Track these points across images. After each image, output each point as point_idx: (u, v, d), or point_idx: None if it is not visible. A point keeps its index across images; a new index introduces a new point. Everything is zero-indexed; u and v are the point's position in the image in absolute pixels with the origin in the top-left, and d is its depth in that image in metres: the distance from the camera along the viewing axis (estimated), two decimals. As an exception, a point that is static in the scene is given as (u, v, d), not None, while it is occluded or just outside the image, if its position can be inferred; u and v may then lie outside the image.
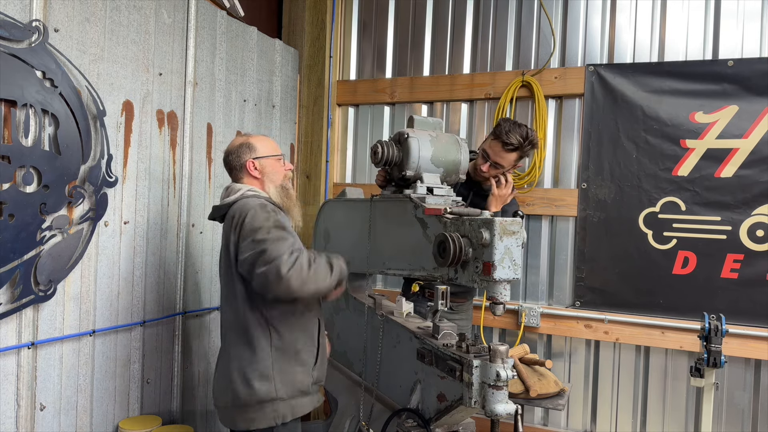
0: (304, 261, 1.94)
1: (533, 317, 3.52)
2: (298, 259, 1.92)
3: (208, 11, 3.16)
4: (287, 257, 1.91)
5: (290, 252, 1.93)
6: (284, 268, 1.88)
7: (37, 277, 2.23)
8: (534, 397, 2.75)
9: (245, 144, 2.27)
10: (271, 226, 1.99)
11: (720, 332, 2.52)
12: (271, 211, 2.05)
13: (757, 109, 3.11)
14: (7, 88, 2.10)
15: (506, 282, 1.76)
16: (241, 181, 2.26)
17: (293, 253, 1.94)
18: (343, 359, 2.63)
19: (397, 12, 3.99)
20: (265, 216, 2.01)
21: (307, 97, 4.10)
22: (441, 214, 1.96)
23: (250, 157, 2.25)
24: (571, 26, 3.53)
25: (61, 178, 2.30)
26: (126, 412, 2.73)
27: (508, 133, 2.69)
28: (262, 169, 2.26)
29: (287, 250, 1.94)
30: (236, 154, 2.26)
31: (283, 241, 1.96)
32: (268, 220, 2.00)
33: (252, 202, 2.07)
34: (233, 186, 2.24)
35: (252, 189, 2.21)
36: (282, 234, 1.99)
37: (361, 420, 2.36)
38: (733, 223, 3.15)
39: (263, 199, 2.16)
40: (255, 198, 2.15)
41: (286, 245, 1.95)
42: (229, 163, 2.29)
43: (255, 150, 2.26)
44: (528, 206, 3.56)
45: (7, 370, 2.20)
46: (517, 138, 2.69)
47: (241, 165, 2.25)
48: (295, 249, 1.97)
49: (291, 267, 1.90)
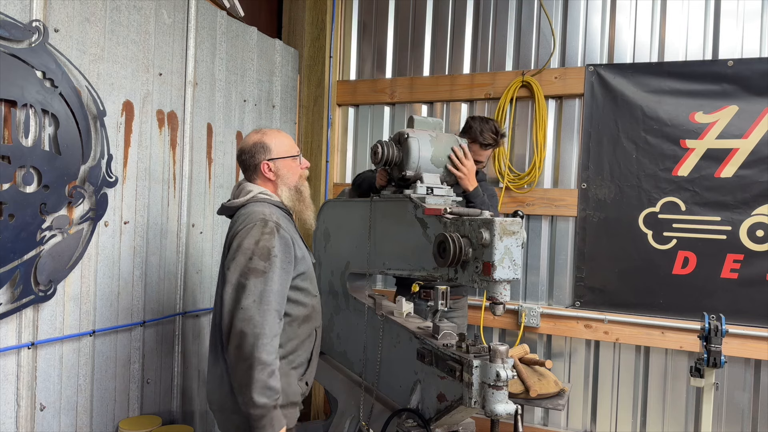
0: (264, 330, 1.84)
1: (533, 317, 3.52)
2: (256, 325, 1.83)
3: (208, 11, 3.16)
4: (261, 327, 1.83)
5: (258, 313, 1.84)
6: (260, 350, 1.80)
7: (37, 277, 2.23)
8: (534, 397, 2.75)
9: (260, 144, 2.12)
10: (256, 253, 1.88)
11: (720, 332, 2.52)
12: (267, 233, 1.92)
13: (757, 109, 3.11)
14: (7, 88, 2.10)
15: (506, 282, 1.76)
16: (254, 182, 2.14)
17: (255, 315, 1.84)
18: (343, 359, 2.63)
19: (397, 12, 3.99)
20: (256, 238, 1.90)
21: (307, 97, 4.10)
22: (441, 214, 1.96)
23: (265, 159, 2.11)
24: (571, 26, 3.53)
25: (61, 178, 2.30)
26: (126, 412, 2.73)
27: (483, 134, 2.91)
28: (277, 171, 2.13)
29: (254, 305, 1.84)
30: (250, 154, 2.12)
31: (254, 280, 1.86)
32: (257, 243, 1.89)
33: (256, 215, 1.96)
34: (245, 186, 2.13)
35: (264, 192, 2.10)
36: (261, 268, 1.88)
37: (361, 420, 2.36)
38: (733, 223, 3.15)
39: (273, 206, 2.06)
40: (264, 204, 2.04)
41: (253, 291, 1.85)
42: (243, 162, 2.16)
43: (270, 151, 2.12)
44: (528, 206, 3.56)
45: (7, 370, 2.20)
46: (491, 136, 2.92)
47: (254, 166, 2.12)
48: (260, 300, 1.85)
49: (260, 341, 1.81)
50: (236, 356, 1.84)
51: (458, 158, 2.37)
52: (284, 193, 2.15)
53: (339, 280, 2.62)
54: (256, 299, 1.85)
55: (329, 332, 2.70)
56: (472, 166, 2.47)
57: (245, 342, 1.82)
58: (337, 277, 2.63)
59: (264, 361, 1.81)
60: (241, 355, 1.82)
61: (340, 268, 2.61)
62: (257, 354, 1.81)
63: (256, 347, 1.81)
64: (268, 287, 1.88)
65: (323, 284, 2.69)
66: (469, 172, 2.44)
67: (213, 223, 3.25)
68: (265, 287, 1.87)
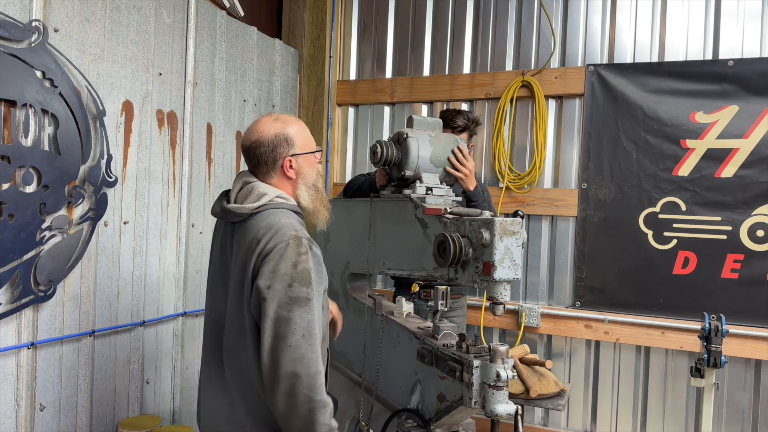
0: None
1: (533, 317, 3.52)
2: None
3: (208, 11, 3.16)
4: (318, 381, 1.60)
5: (316, 367, 1.62)
6: (319, 412, 1.59)
7: (36, 277, 2.23)
8: (534, 397, 2.75)
9: (282, 136, 1.78)
10: (296, 279, 1.62)
11: (720, 332, 2.52)
12: (303, 254, 1.65)
13: (757, 109, 3.11)
14: (7, 88, 2.10)
15: (506, 282, 1.76)
16: (268, 179, 1.80)
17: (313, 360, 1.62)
18: (343, 359, 2.63)
19: (397, 12, 3.99)
20: (293, 260, 1.63)
21: (307, 97, 4.10)
22: (441, 214, 1.95)
23: (289, 154, 1.78)
24: (572, 26, 3.53)
25: (61, 178, 2.30)
26: (126, 412, 2.73)
27: (454, 119, 2.99)
28: (299, 169, 1.82)
29: (310, 353, 1.61)
30: (270, 147, 1.77)
31: (299, 311, 1.61)
32: (295, 266, 1.62)
33: (286, 231, 1.66)
34: (256, 187, 1.77)
35: (281, 195, 1.77)
36: (305, 296, 1.63)
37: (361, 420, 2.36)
38: (734, 223, 3.14)
39: (291, 213, 1.77)
40: (285, 212, 1.74)
41: (300, 324, 1.61)
42: (257, 156, 1.79)
43: (294, 145, 1.79)
44: (528, 206, 3.56)
45: (7, 370, 2.20)
46: (463, 120, 2.99)
47: (274, 161, 1.78)
48: (309, 334, 1.62)
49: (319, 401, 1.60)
50: (290, 402, 1.59)
51: (458, 160, 2.37)
52: (303, 193, 1.84)
53: (339, 280, 2.62)
54: (305, 333, 1.61)
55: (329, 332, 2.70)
56: (473, 167, 2.47)
57: (300, 384, 1.58)
58: (337, 277, 2.63)
59: (325, 402, 1.61)
60: (296, 399, 1.58)
61: (340, 268, 2.60)
62: (317, 396, 1.59)
63: (314, 389, 1.59)
64: (313, 317, 1.64)
65: (323, 284, 2.69)
66: (470, 172, 2.44)
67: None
68: (311, 317, 1.63)
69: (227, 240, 1.83)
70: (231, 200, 1.80)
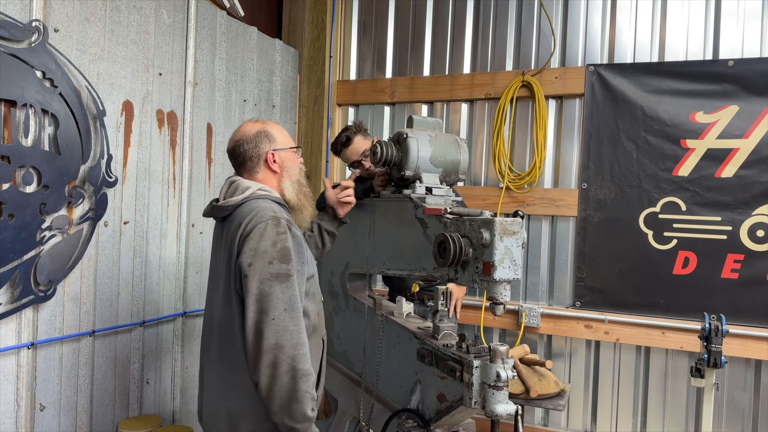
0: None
1: (533, 317, 3.52)
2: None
3: (208, 11, 3.16)
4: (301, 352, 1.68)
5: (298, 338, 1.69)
6: (301, 379, 1.65)
7: (36, 277, 2.23)
8: (534, 397, 2.75)
9: (263, 132, 1.94)
10: (275, 256, 1.71)
11: (720, 332, 2.52)
12: (282, 233, 1.74)
13: (757, 109, 3.11)
14: (7, 88, 2.10)
15: (506, 282, 1.76)
16: (254, 175, 1.94)
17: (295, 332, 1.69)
18: (343, 359, 2.63)
19: (397, 12, 3.99)
20: (273, 239, 1.72)
21: (307, 97, 4.10)
22: (441, 214, 1.95)
23: (270, 149, 1.93)
24: (572, 26, 3.53)
25: (61, 178, 2.30)
26: (126, 412, 2.73)
27: (345, 144, 2.89)
28: (282, 163, 1.95)
29: (289, 318, 1.69)
30: (254, 143, 1.92)
31: (280, 286, 1.69)
32: (275, 244, 1.72)
33: (264, 213, 1.77)
34: (240, 182, 1.90)
35: (263, 188, 1.90)
36: (285, 272, 1.71)
37: (361, 420, 2.36)
38: (734, 223, 3.14)
39: (275, 204, 1.87)
40: (266, 201, 1.85)
41: (281, 299, 1.69)
42: (241, 154, 1.93)
43: (275, 140, 1.95)
44: (528, 206, 3.56)
45: (7, 370, 2.20)
46: (344, 134, 2.91)
47: (258, 156, 1.92)
48: (291, 308, 1.70)
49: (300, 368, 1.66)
50: (273, 372, 1.65)
51: None
52: (288, 186, 1.97)
53: (339, 280, 2.62)
54: (287, 307, 1.69)
55: (329, 332, 2.70)
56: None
57: (283, 354, 1.65)
58: (337, 277, 2.63)
59: (307, 372, 1.68)
60: (279, 369, 1.65)
61: (340, 268, 2.61)
62: (300, 365, 1.66)
63: (296, 358, 1.66)
64: (294, 292, 1.72)
65: (323, 284, 2.69)
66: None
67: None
68: (293, 292, 1.71)
69: (218, 237, 1.95)
70: (220, 200, 1.92)
